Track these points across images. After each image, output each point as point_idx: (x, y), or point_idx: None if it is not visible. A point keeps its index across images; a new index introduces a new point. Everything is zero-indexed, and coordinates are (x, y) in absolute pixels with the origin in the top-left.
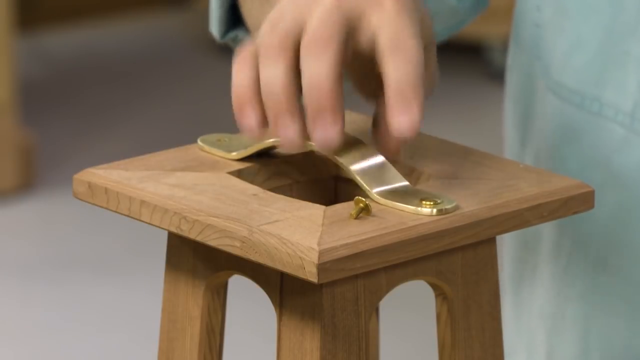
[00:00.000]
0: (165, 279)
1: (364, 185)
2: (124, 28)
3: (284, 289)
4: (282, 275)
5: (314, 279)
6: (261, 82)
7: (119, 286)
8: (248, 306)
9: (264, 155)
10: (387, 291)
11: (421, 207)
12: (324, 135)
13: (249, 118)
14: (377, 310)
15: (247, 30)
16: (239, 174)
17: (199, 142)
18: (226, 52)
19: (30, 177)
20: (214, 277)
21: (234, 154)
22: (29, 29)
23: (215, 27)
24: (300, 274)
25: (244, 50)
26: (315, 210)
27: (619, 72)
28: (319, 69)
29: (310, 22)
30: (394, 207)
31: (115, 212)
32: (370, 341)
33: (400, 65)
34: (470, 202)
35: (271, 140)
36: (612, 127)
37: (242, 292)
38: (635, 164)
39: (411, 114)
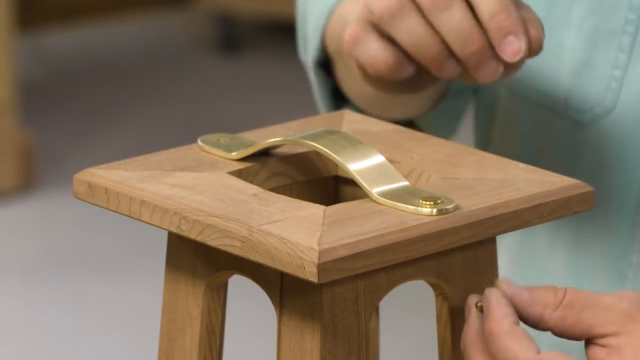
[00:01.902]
0: (165, 279)
1: (364, 185)
2: (123, 28)
3: (284, 289)
4: (282, 275)
5: (314, 279)
6: (448, 31)
7: (119, 286)
8: (248, 306)
9: (264, 155)
10: (387, 291)
11: (421, 207)
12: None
13: (449, 67)
14: (377, 310)
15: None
16: (239, 174)
17: (199, 142)
18: (226, 52)
19: (30, 177)
20: (214, 277)
21: (234, 154)
22: (29, 29)
23: (323, 107)
24: (300, 274)
25: (356, 30)
26: (315, 210)
27: (554, 62)
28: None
29: None
30: (394, 207)
31: (115, 212)
32: (370, 341)
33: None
34: (470, 202)
35: (271, 140)
36: (548, 115)
37: (242, 292)
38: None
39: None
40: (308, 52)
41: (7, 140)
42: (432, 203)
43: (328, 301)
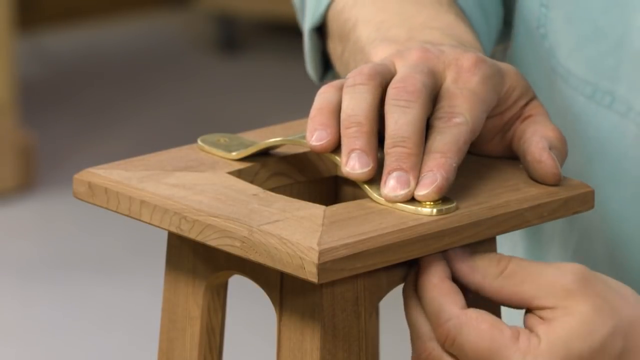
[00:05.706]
0: (165, 279)
1: (365, 185)
2: (124, 28)
3: (284, 289)
4: (282, 275)
5: (314, 279)
6: (344, 105)
7: (119, 286)
8: (248, 306)
9: (264, 155)
10: (387, 291)
11: (421, 207)
12: (396, 187)
13: (319, 135)
14: (377, 310)
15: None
16: (239, 174)
17: (199, 142)
18: (226, 52)
19: (30, 177)
20: (214, 277)
21: (234, 154)
22: (29, 29)
23: (311, 70)
24: (300, 274)
25: (329, 83)
26: (315, 210)
27: (636, 69)
28: (406, 119)
29: (400, 70)
30: (394, 207)
31: (115, 212)
32: (370, 341)
33: (442, 138)
34: (470, 202)
35: (271, 140)
36: (623, 123)
37: (242, 292)
38: None
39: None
40: (305, 18)
41: (7, 140)
42: (431, 203)
43: (328, 301)
